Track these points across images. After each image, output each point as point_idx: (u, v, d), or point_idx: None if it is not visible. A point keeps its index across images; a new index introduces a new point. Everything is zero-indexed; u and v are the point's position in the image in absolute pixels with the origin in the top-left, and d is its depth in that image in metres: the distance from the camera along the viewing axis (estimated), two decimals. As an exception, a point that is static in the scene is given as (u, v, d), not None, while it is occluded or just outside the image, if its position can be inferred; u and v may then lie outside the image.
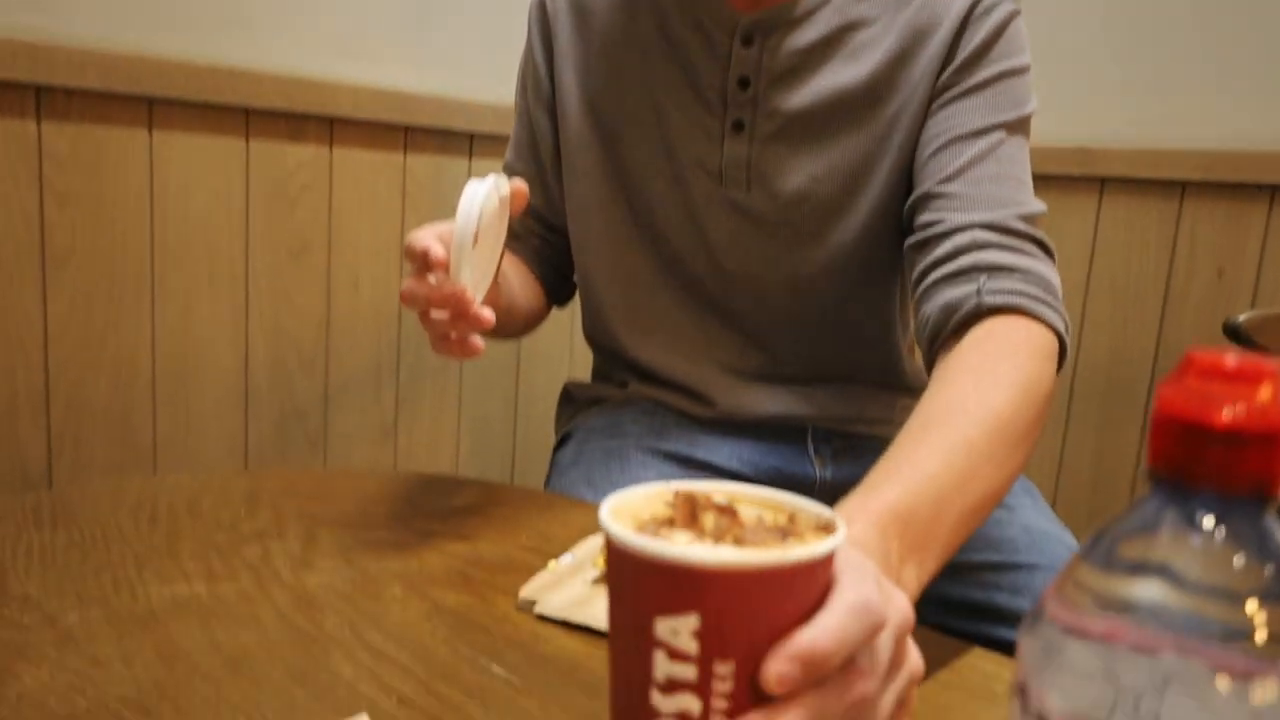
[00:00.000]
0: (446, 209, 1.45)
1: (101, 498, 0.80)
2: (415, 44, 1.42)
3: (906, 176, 0.88)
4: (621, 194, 0.96)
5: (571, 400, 1.10)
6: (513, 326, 1.00)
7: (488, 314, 0.70)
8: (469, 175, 1.48)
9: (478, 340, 0.72)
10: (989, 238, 0.78)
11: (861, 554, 0.46)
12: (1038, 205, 0.82)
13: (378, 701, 0.52)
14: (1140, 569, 0.29)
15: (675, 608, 0.36)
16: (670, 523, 0.39)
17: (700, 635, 0.35)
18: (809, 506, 0.42)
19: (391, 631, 0.60)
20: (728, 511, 0.40)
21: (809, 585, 0.38)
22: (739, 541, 0.38)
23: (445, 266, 0.68)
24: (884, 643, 0.40)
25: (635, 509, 0.40)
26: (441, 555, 0.72)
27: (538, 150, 1.03)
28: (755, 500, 0.43)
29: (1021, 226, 0.79)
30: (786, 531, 0.39)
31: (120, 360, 1.18)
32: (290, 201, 1.30)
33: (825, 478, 0.96)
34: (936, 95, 0.86)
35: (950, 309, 0.76)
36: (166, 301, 1.21)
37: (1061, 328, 0.75)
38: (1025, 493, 0.97)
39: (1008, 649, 0.85)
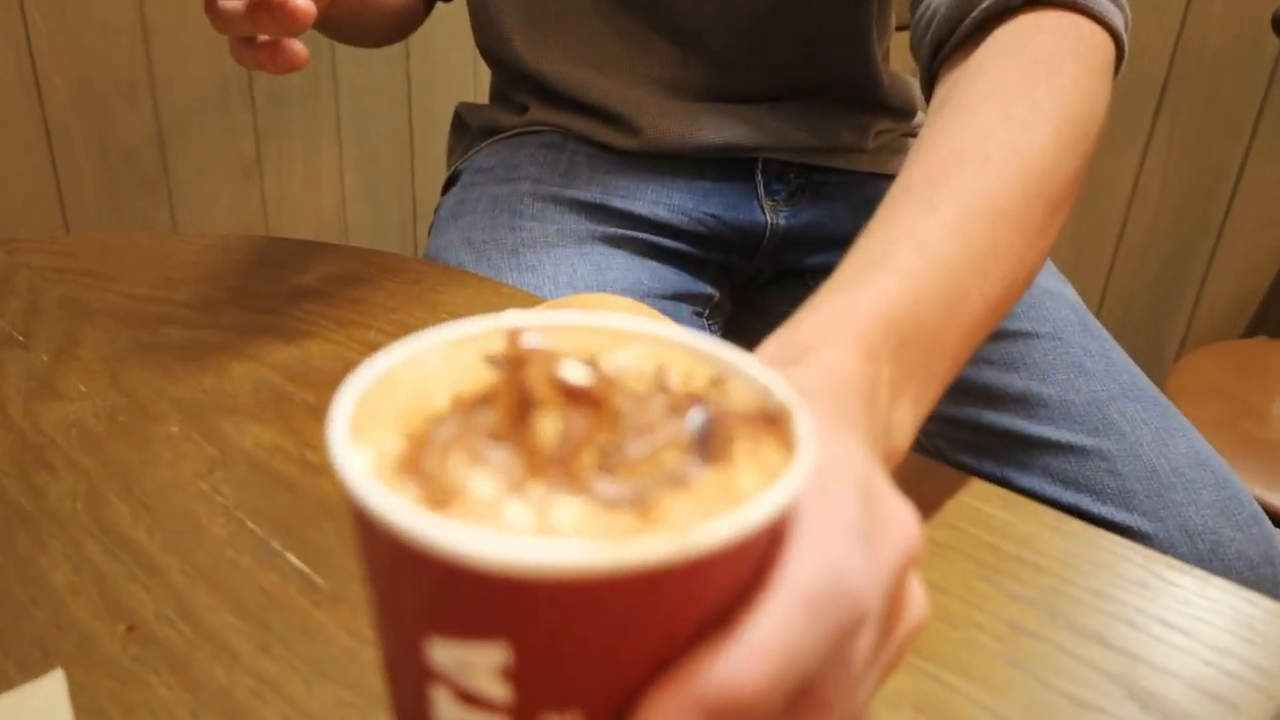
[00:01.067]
0: None
1: None
2: None
3: None
4: None
5: (464, 128, 0.87)
6: (373, 24, 0.75)
7: (303, 3, 0.46)
8: None
9: (296, 45, 0.49)
10: None
11: (844, 414, 0.28)
12: None
13: (94, 635, 0.34)
14: None
15: (464, 629, 0.18)
16: (485, 431, 0.19)
17: (513, 675, 0.18)
18: (747, 368, 0.22)
19: (147, 501, 0.41)
20: (588, 400, 0.20)
21: (732, 575, 0.19)
22: (608, 468, 0.18)
23: None
24: (865, 641, 0.22)
25: (423, 390, 0.21)
26: (250, 363, 0.52)
27: None
28: (648, 346, 0.23)
29: None
30: (705, 431, 0.20)
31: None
32: None
33: (778, 224, 0.76)
34: None
35: (969, 2, 0.52)
36: None
37: (1120, 25, 0.52)
38: None
39: (995, 442, 0.70)
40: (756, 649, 0.18)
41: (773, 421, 0.21)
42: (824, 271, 0.42)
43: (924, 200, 0.40)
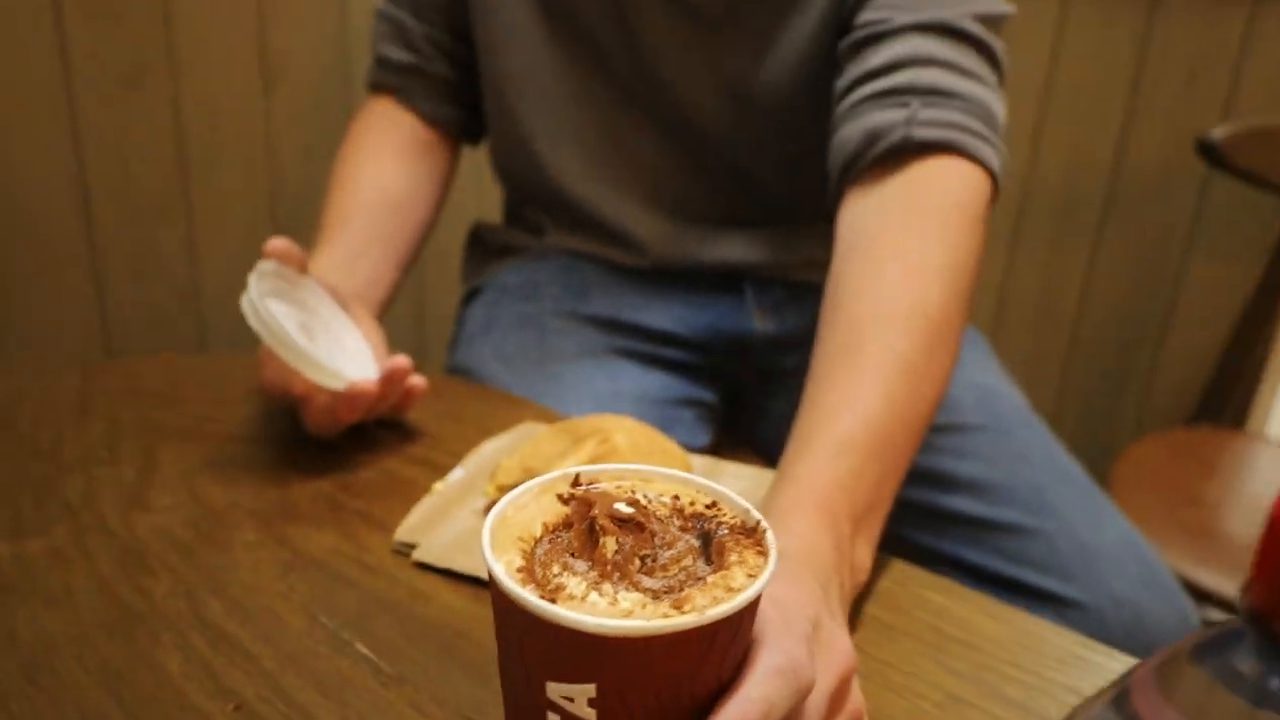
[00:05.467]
0: (314, 14, 1.23)
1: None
2: None
3: None
4: None
5: (482, 244, 0.96)
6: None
7: (417, 381, 0.64)
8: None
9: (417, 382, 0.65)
10: (932, 50, 0.65)
11: (802, 571, 0.40)
12: (999, 4, 0.68)
13: (209, 715, 0.42)
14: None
15: (569, 675, 0.29)
16: (568, 548, 0.32)
17: (598, 704, 0.29)
18: (734, 499, 0.34)
19: (237, 599, 0.49)
20: (632, 525, 0.31)
21: (730, 639, 0.30)
22: (649, 571, 0.31)
23: (312, 390, 0.60)
24: (814, 706, 0.34)
25: (526, 523, 0.33)
26: (306, 476, 0.61)
27: None
28: (664, 482, 0.35)
29: (975, 30, 0.66)
30: (707, 540, 0.32)
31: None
32: (115, 15, 1.08)
33: (767, 331, 0.87)
34: None
35: (874, 136, 0.63)
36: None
37: (997, 166, 0.64)
38: (971, 344, 0.88)
39: (950, 524, 0.80)
40: (751, 697, 0.30)
41: (751, 532, 0.33)
42: (804, 370, 0.54)
43: (851, 367, 0.52)
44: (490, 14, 0.81)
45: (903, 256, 0.57)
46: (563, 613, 0.28)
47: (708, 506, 0.34)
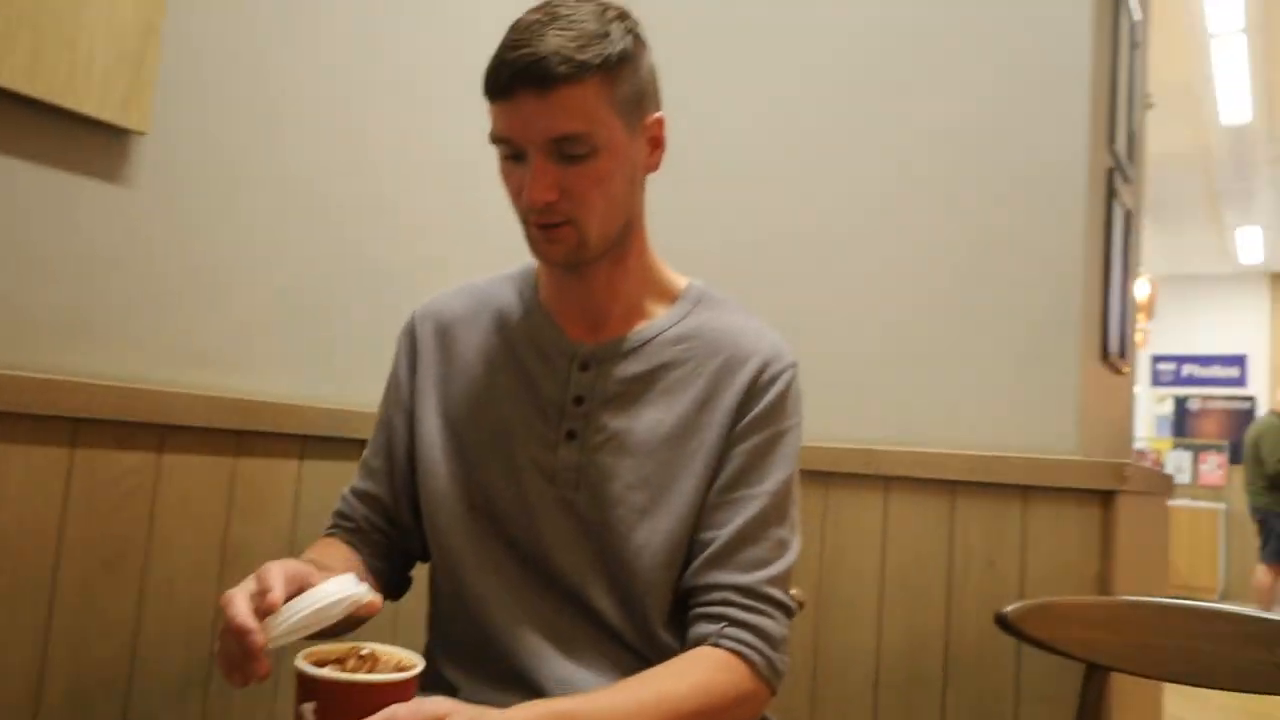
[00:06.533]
0: (273, 509, 1.46)
1: None
2: (252, 352, 1.49)
3: (705, 490, 1.07)
4: (465, 490, 1.10)
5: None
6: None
7: (264, 666, 0.84)
8: (298, 477, 1.51)
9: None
10: (735, 600, 1.03)
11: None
12: (785, 563, 1.06)
13: None
14: None
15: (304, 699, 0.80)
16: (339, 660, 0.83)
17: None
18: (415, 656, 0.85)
19: None
20: (369, 659, 0.84)
21: (391, 696, 0.79)
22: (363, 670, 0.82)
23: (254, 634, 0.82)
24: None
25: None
26: None
27: (393, 450, 1.16)
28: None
29: (766, 590, 1.04)
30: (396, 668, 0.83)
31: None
32: (111, 509, 1.29)
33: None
34: (730, 443, 1.08)
35: (699, 639, 1.04)
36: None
37: (762, 666, 1.02)
38: None
39: None
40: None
41: (410, 667, 0.83)
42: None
43: (625, 684, 0.93)
44: (434, 504, 1.12)
45: (683, 673, 1.00)
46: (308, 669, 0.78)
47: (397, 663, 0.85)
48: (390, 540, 1.17)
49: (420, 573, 1.21)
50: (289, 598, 0.83)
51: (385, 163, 1.71)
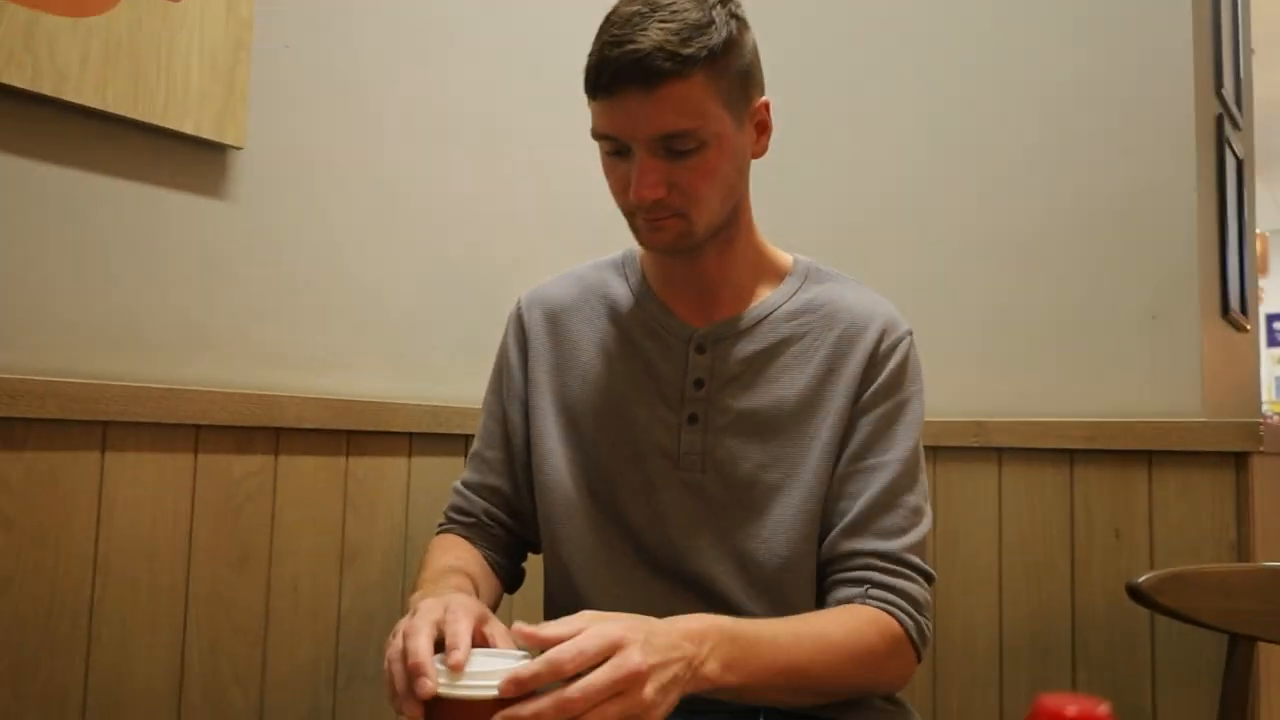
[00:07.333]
0: (385, 507, 1.49)
1: None
2: (354, 354, 1.53)
3: (834, 461, 1.06)
4: (585, 477, 1.10)
5: None
6: None
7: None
8: (409, 474, 1.54)
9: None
10: (877, 564, 1.02)
11: (675, 633, 0.78)
12: (922, 530, 1.04)
13: None
14: None
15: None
16: None
17: None
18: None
19: None
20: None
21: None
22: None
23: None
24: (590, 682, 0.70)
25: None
26: None
27: (510, 440, 1.16)
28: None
29: (907, 557, 1.02)
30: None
31: (49, 696, 1.15)
32: (235, 511, 1.33)
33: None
34: (856, 413, 1.06)
35: (843, 601, 1.01)
36: (103, 627, 1.20)
37: (911, 628, 0.99)
38: None
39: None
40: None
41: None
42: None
43: (792, 622, 0.91)
44: (550, 492, 1.11)
45: (839, 619, 0.98)
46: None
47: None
48: (510, 532, 1.17)
49: (534, 565, 1.22)
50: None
51: (469, 162, 1.73)
